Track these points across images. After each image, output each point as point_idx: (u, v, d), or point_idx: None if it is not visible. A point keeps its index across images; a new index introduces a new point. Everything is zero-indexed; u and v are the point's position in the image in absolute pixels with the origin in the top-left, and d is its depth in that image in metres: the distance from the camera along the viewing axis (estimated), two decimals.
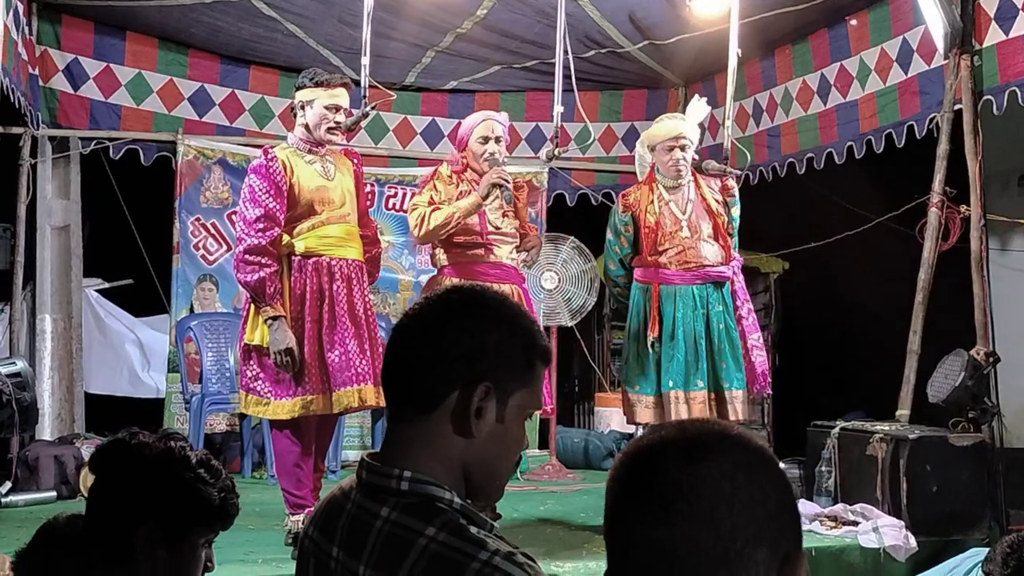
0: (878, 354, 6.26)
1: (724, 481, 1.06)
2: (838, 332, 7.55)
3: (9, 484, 5.32)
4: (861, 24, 6.01)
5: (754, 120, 7.04)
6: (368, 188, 6.73)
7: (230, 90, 7.15)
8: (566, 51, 5.06)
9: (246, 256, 3.98)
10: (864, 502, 4.71)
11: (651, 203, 4.63)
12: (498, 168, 4.44)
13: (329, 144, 4.23)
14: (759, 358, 4.70)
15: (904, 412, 5.20)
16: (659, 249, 4.60)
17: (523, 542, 1.44)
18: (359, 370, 4.05)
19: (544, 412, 5.26)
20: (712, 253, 4.61)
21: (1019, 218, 6.04)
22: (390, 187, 7.26)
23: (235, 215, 4.88)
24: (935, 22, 5.18)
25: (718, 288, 4.62)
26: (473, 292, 1.51)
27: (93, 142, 6.79)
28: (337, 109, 4.17)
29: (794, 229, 7.24)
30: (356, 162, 4.43)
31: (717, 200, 4.70)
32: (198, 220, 6.83)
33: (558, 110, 5.01)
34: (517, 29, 6.52)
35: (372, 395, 4.07)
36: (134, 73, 6.85)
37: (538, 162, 7.33)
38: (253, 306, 4.07)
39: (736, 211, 4.76)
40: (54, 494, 5.33)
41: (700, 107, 4.80)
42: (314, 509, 1.57)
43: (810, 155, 6.47)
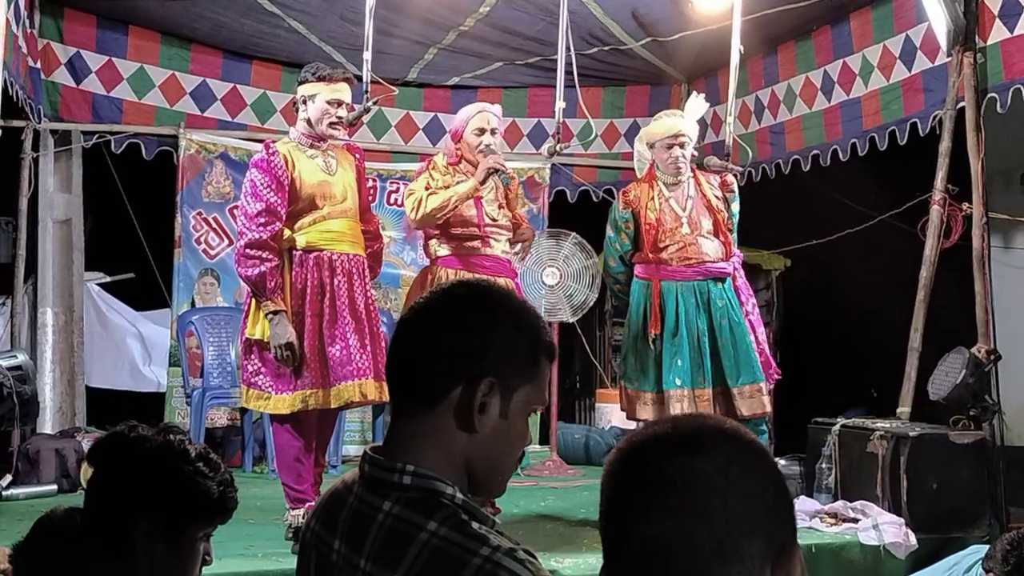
0: (879, 351, 6.27)
1: (718, 475, 1.06)
2: (839, 329, 7.55)
3: (10, 477, 5.32)
4: (864, 21, 6.00)
5: (756, 117, 7.03)
6: (370, 183, 6.73)
7: (232, 85, 7.15)
8: (568, 48, 5.06)
9: (247, 250, 3.98)
10: (864, 499, 4.72)
11: (651, 200, 4.63)
12: (495, 155, 4.44)
13: (331, 139, 4.23)
14: (767, 352, 4.70)
15: (905, 409, 5.21)
16: (660, 245, 4.59)
17: (523, 538, 1.44)
18: (359, 365, 4.05)
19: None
20: (713, 249, 4.61)
21: (1021, 216, 6.04)
22: (392, 183, 7.26)
23: (237, 209, 4.88)
24: (938, 19, 5.17)
25: (719, 284, 4.61)
26: (479, 287, 1.51)
27: (95, 136, 6.80)
28: (339, 104, 4.16)
29: (796, 226, 7.24)
30: (358, 157, 4.43)
31: (717, 196, 4.69)
32: (200, 214, 6.84)
33: (560, 106, 5.01)
34: (520, 26, 6.52)
35: (373, 390, 4.08)
36: (136, 67, 6.85)
37: (540, 158, 7.33)
38: (254, 300, 4.07)
39: (736, 207, 4.76)
40: (55, 487, 5.34)
41: (699, 104, 4.80)
42: (316, 502, 1.57)
43: (815, 152, 6.47)
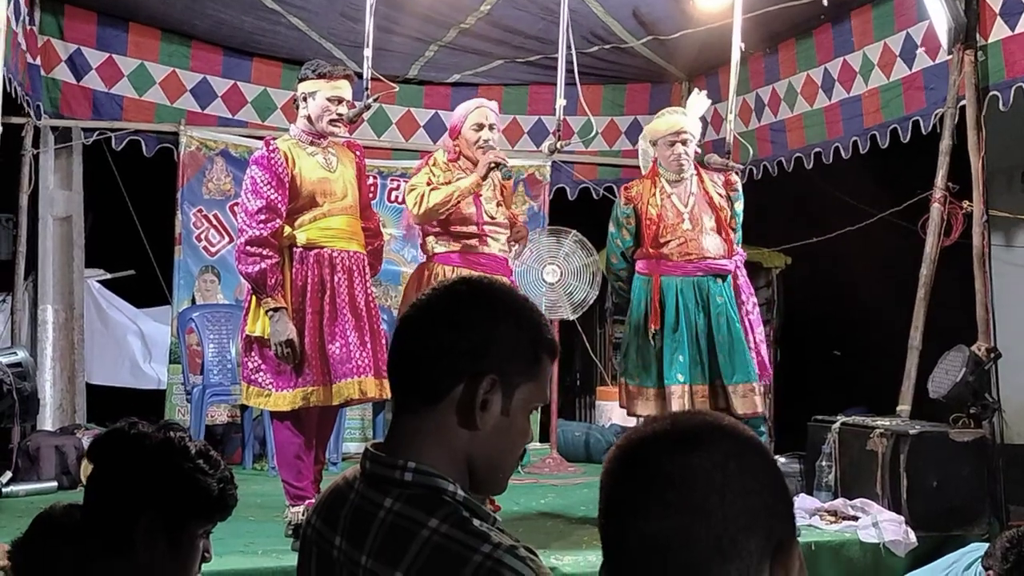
0: (879, 349, 6.27)
1: (715, 471, 1.06)
2: (840, 327, 7.56)
3: (10, 474, 5.32)
4: (864, 19, 6.00)
5: (756, 115, 7.03)
6: (371, 181, 6.74)
7: (232, 82, 7.15)
8: (569, 46, 5.06)
9: (247, 247, 3.98)
10: (864, 497, 4.72)
11: (653, 196, 4.63)
12: (494, 150, 4.43)
13: (331, 136, 4.23)
14: (764, 352, 4.70)
15: (905, 407, 5.21)
16: (661, 241, 4.59)
17: (524, 535, 1.44)
18: (359, 362, 4.05)
19: None
20: (714, 245, 4.61)
21: (1022, 214, 6.03)
22: (392, 180, 7.26)
23: (237, 206, 4.88)
24: (939, 17, 5.17)
25: (720, 281, 4.61)
26: (481, 284, 1.50)
27: (95, 133, 6.80)
28: (339, 101, 4.16)
29: (796, 224, 7.25)
30: (358, 154, 4.42)
31: (720, 194, 4.69)
32: (200, 211, 6.84)
33: (560, 104, 5.01)
34: (521, 25, 6.52)
35: (373, 387, 4.07)
36: (137, 64, 6.85)
37: (541, 156, 7.34)
38: (255, 297, 4.07)
39: (739, 206, 4.76)
40: (55, 484, 5.34)
41: (701, 100, 4.79)
42: (317, 499, 1.57)
43: (817, 150, 6.46)
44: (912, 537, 4.45)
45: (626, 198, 4.71)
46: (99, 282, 7.52)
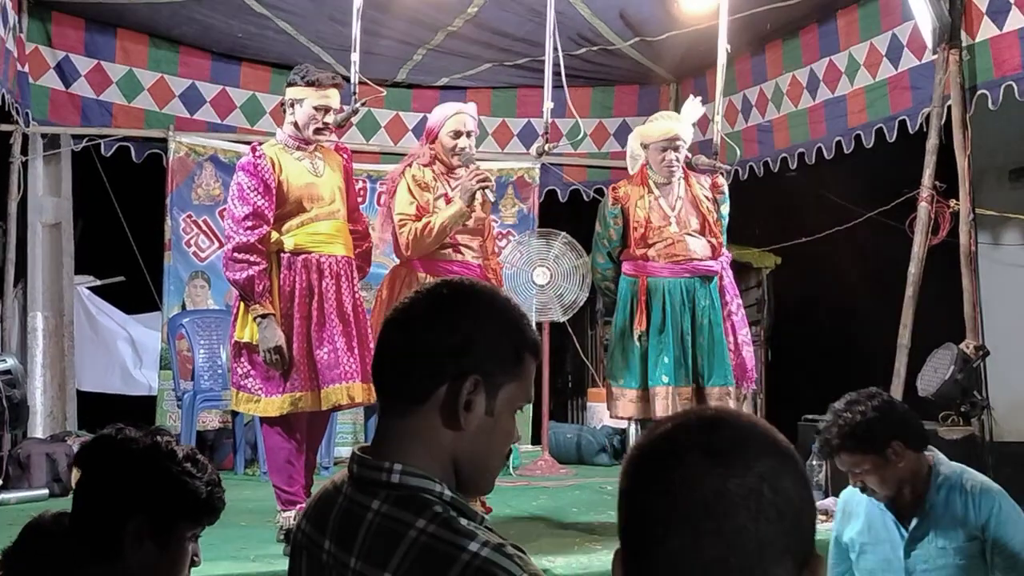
0: (869, 348, 6.29)
1: (751, 498, 1.01)
2: (829, 326, 7.57)
3: (0, 482, 5.31)
4: (850, 19, 6.03)
5: (743, 116, 7.06)
6: (360, 184, 6.74)
7: (221, 87, 7.16)
8: (556, 48, 5.07)
9: (235, 254, 3.97)
10: None
11: (641, 198, 4.64)
12: (475, 170, 4.34)
13: (318, 143, 4.22)
14: (748, 354, 4.71)
15: None
16: (647, 243, 4.60)
17: (515, 537, 1.45)
18: (347, 368, 4.05)
19: None
20: (700, 247, 4.62)
21: (1010, 212, 6.06)
22: (382, 183, 7.22)
23: (226, 212, 4.88)
24: (923, 17, 5.19)
25: (706, 283, 4.62)
26: (462, 286, 1.51)
27: (84, 139, 6.79)
28: (326, 111, 4.14)
29: (786, 224, 7.26)
30: (346, 157, 4.41)
31: (707, 196, 4.71)
32: (190, 217, 6.83)
33: (548, 106, 5.02)
34: (508, 27, 6.53)
35: (361, 392, 4.07)
36: (125, 70, 6.85)
37: (529, 158, 7.35)
38: (243, 304, 4.07)
39: (725, 209, 4.77)
40: (46, 492, 5.33)
41: (695, 107, 4.81)
42: (307, 504, 1.58)
43: (800, 150, 6.49)
44: None
45: (614, 198, 4.71)
46: (89, 288, 7.50)
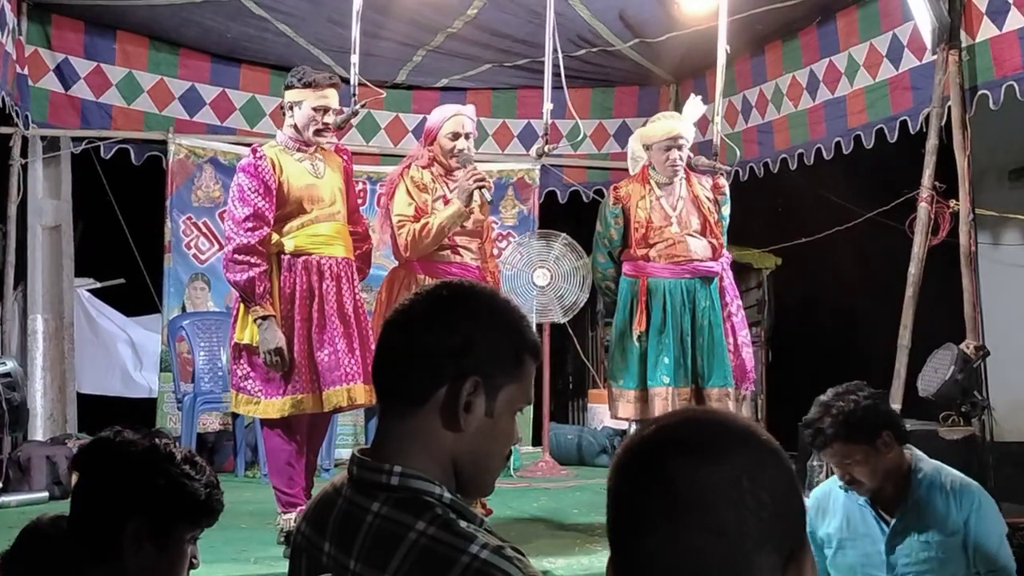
0: (869, 349, 6.28)
1: (731, 488, 1.02)
2: (829, 327, 7.56)
3: (0, 485, 5.31)
4: (850, 20, 6.02)
5: (743, 116, 7.05)
6: (360, 186, 6.74)
7: (221, 89, 7.16)
8: (556, 50, 5.07)
9: (235, 256, 3.97)
10: None
11: (642, 198, 4.64)
12: (472, 170, 4.33)
13: (318, 144, 4.22)
14: (747, 355, 4.71)
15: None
16: (648, 243, 4.60)
17: (516, 539, 1.45)
18: (348, 370, 4.05)
19: None
20: (701, 248, 4.62)
21: (1010, 213, 6.05)
22: (382, 185, 7.21)
23: (226, 214, 4.88)
24: (922, 18, 5.19)
25: (706, 284, 4.62)
26: (462, 287, 1.52)
27: (84, 142, 6.80)
28: (325, 111, 4.14)
29: (786, 225, 7.26)
30: (346, 159, 4.41)
31: (708, 197, 4.71)
32: (190, 219, 6.83)
33: (547, 108, 5.01)
34: (508, 29, 6.53)
35: (362, 394, 4.07)
36: (125, 73, 6.85)
37: (529, 159, 7.35)
38: (243, 305, 4.07)
39: (726, 210, 4.77)
40: (46, 494, 5.33)
41: (696, 106, 4.82)
42: (307, 506, 1.58)
43: (800, 151, 6.49)
44: None
45: (615, 198, 4.71)
46: (89, 291, 7.50)
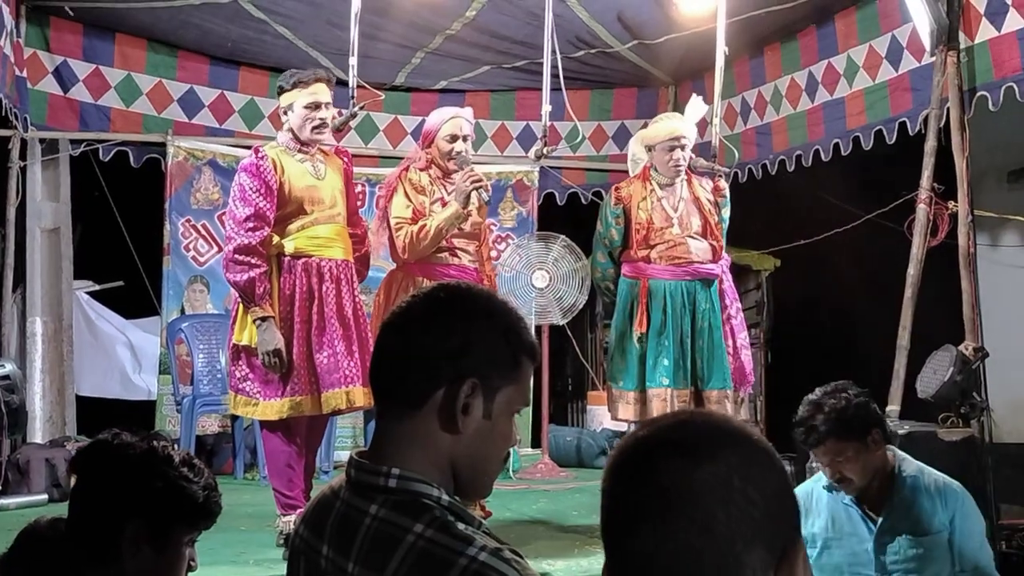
0: (868, 350, 6.28)
1: (720, 486, 1.03)
2: (828, 328, 7.57)
3: None
4: (848, 22, 6.03)
5: (742, 118, 7.06)
6: (359, 188, 6.74)
7: (219, 91, 7.16)
8: (554, 51, 5.07)
9: (236, 256, 3.96)
10: None
11: (643, 199, 4.64)
12: (469, 172, 4.33)
13: (317, 144, 4.21)
14: (746, 357, 4.72)
15: (894, 407, 5.21)
16: (649, 244, 4.60)
17: (515, 541, 1.45)
18: (347, 372, 4.04)
19: None
20: (701, 250, 4.62)
21: (1008, 214, 6.05)
22: (380, 188, 7.21)
23: (225, 216, 4.87)
24: (921, 19, 5.19)
25: (706, 287, 4.62)
26: (459, 289, 1.52)
27: (83, 144, 6.80)
28: (317, 106, 4.11)
29: (784, 227, 7.26)
30: (346, 161, 4.41)
31: (709, 199, 4.71)
32: (188, 221, 6.83)
33: (546, 109, 5.02)
34: (507, 30, 6.53)
35: (360, 397, 4.06)
36: (123, 75, 6.85)
37: (528, 161, 7.35)
38: (242, 306, 4.06)
39: (726, 213, 4.77)
40: (45, 497, 5.32)
41: (698, 106, 4.82)
42: (304, 509, 1.58)
43: (798, 152, 6.49)
44: None
45: (616, 198, 4.71)
46: (88, 293, 7.51)
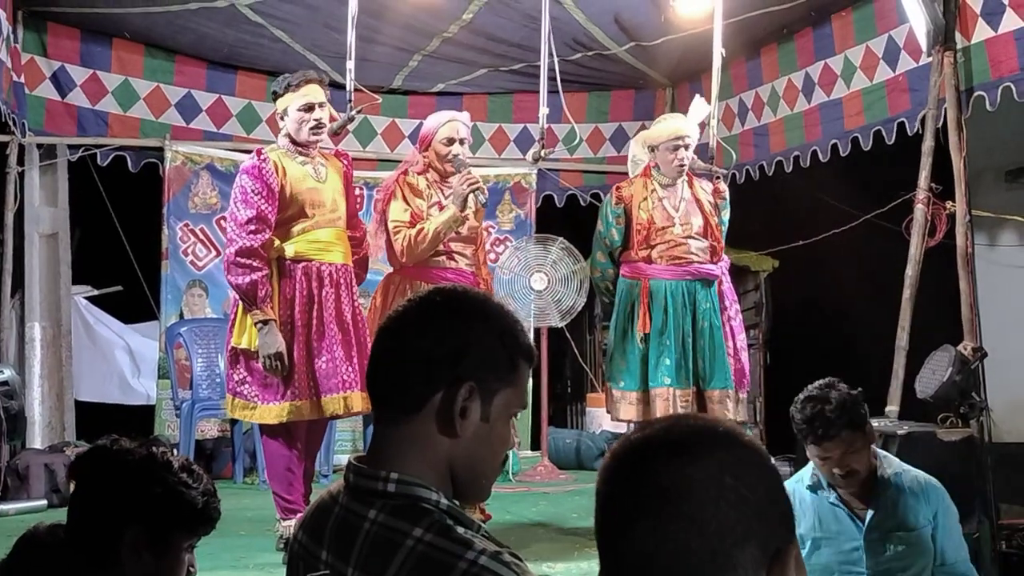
0: (867, 351, 6.28)
1: (710, 483, 1.04)
2: (828, 329, 7.56)
3: None
4: (845, 23, 6.03)
5: (740, 119, 7.06)
6: (357, 192, 6.73)
7: (217, 96, 7.16)
8: (551, 54, 5.07)
9: (237, 258, 3.95)
10: None
11: (644, 199, 4.64)
12: (466, 174, 4.33)
13: (315, 145, 4.20)
14: (745, 358, 4.72)
15: (893, 408, 5.22)
16: (650, 244, 4.60)
17: (515, 543, 1.45)
18: (345, 377, 4.04)
19: None
20: (702, 250, 4.63)
21: (1006, 214, 6.06)
22: (378, 191, 7.23)
23: (224, 220, 4.87)
24: (917, 19, 5.19)
25: (707, 287, 4.62)
26: (455, 293, 1.52)
27: (80, 149, 6.79)
28: (311, 107, 4.10)
29: (783, 228, 7.26)
30: (346, 163, 4.40)
31: (710, 201, 4.72)
32: (187, 226, 6.83)
33: (543, 112, 5.02)
34: (503, 33, 6.53)
35: (359, 402, 4.06)
36: (121, 80, 6.85)
37: (526, 163, 7.35)
38: (241, 309, 4.05)
39: (726, 214, 4.78)
40: (45, 502, 5.32)
41: (701, 106, 4.83)
42: (303, 514, 1.58)
43: (796, 153, 6.49)
44: None
45: (617, 198, 4.71)
46: (86, 298, 7.50)
